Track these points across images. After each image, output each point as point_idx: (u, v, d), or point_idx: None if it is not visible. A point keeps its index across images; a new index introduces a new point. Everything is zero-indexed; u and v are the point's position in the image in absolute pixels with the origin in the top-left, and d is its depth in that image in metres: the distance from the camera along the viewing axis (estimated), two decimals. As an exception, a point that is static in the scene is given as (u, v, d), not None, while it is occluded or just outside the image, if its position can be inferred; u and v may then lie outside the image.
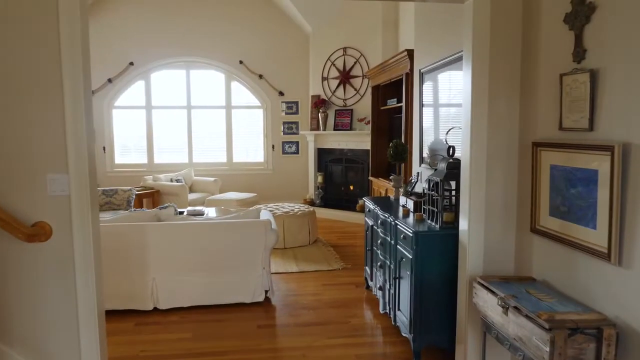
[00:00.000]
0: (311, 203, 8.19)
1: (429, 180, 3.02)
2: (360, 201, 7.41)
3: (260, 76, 8.73)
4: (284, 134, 8.93)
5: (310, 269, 4.98)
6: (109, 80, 8.49)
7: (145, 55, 8.52)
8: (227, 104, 8.82)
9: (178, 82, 8.73)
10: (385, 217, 3.42)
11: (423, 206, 3.17)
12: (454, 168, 2.86)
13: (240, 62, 8.68)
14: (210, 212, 6.17)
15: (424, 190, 3.29)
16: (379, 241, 3.61)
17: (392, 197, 4.11)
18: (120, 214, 6.06)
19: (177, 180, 7.89)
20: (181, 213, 5.73)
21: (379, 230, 3.63)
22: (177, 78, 8.72)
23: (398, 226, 3.13)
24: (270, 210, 6.04)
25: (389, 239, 3.37)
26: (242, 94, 8.87)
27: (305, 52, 8.65)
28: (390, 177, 4.17)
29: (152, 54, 8.53)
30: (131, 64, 8.50)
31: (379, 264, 3.62)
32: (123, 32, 8.45)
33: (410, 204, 3.46)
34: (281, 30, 8.72)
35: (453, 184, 2.94)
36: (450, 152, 2.95)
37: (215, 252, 3.86)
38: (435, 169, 3.42)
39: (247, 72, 8.71)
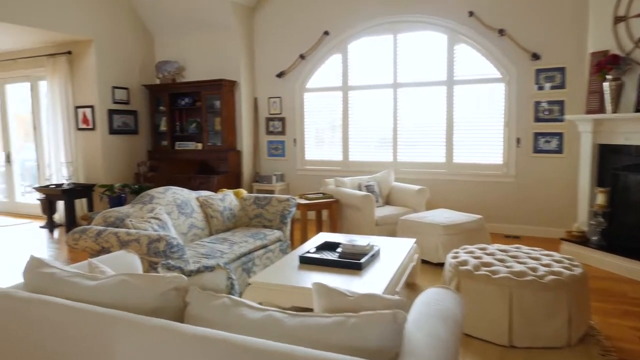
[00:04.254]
0: (582, 239, 4.75)
1: None
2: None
3: (501, 32, 5.64)
4: (537, 120, 5.62)
5: None
6: (301, 57, 6.79)
7: (342, 21, 6.49)
8: (448, 77, 6.05)
9: (381, 53, 6.40)
10: None
11: None
12: None
13: (471, 13, 5.77)
14: (393, 248, 3.70)
15: None
16: None
17: None
18: (255, 237, 4.11)
19: (368, 187, 5.60)
20: (329, 249, 3.42)
21: None
22: (381, 47, 6.39)
23: None
24: (488, 265, 3.12)
25: None
26: (472, 61, 5.94)
27: (582, -17, 5.16)
28: None
29: (351, 18, 6.43)
30: (326, 33, 6.60)
31: None
32: (318, -6, 6.62)
33: None
34: (541, -47, 5.43)
35: None
36: None
37: None
38: None
39: (480, 27, 5.75)
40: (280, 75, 6.97)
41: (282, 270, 3.23)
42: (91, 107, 6.68)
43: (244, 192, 5.02)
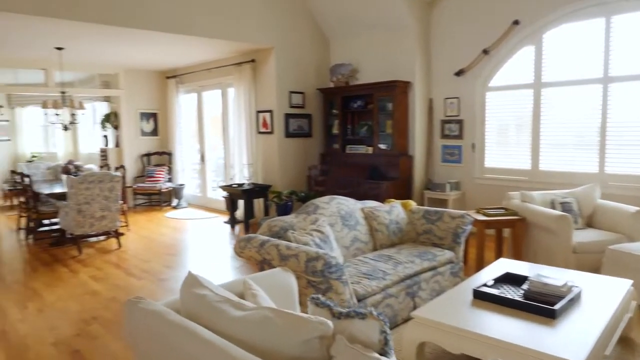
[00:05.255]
0: None
1: None
2: None
3: None
4: None
5: None
6: (484, 52, 6.04)
7: (536, 6, 5.56)
8: (684, 68, 4.68)
9: (587, 41, 5.28)
10: None
11: None
12: None
13: None
14: (600, 290, 2.95)
15: None
16: None
17: None
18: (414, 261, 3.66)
19: (563, 205, 4.65)
20: (512, 282, 2.81)
21: None
22: (587, 34, 5.28)
23: None
24: None
25: None
26: None
27: None
28: None
29: (548, 2, 5.46)
30: (515, 22, 5.74)
31: None
32: (508, -22, 5.79)
33: None
34: None
35: None
36: None
37: None
38: None
39: None
40: (459, 73, 6.32)
41: (452, 304, 2.75)
42: (270, 111, 7.00)
43: (413, 203, 4.59)
